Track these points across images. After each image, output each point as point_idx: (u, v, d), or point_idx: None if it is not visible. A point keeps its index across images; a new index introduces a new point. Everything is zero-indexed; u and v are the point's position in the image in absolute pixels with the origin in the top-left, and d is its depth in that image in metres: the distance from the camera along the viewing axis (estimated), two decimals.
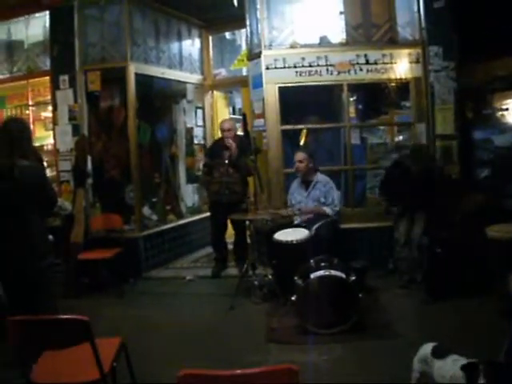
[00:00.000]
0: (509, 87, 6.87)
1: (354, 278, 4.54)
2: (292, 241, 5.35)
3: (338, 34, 6.49)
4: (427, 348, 3.02)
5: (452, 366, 2.85)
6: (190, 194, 8.35)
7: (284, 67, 6.39)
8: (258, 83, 6.54)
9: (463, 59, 6.44)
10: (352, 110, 7.07)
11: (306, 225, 5.70)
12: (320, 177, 6.02)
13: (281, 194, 6.48)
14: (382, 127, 7.56)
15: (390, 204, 6.00)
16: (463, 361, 2.82)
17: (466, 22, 6.14)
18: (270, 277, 5.56)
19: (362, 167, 7.06)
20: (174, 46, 7.94)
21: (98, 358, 2.65)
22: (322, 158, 6.53)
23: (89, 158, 6.65)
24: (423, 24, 6.38)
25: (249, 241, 6.24)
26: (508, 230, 4.83)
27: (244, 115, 7.00)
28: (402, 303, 5.31)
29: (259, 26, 6.47)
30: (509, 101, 6.97)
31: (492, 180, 6.47)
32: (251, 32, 6.69)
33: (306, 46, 6.45)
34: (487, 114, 7.02)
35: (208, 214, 7.24)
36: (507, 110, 6.95)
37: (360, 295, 4.48)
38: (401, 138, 7.42)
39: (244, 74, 8.03)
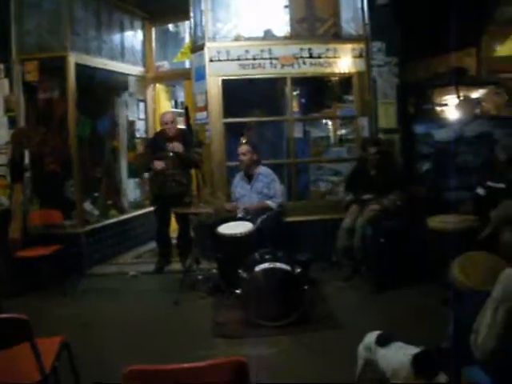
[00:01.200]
0: (448, 83, 7.04)
1: (298, 270, 4.54)
2: (236, 234, 5.31)
3: (282, 28, 6.49)
4: (372, 336, 3.06)
5: (396, 353, 2.90)
6: (132, 189, 8.19)
7: (227, 60, 6.32)
8: (201, 76, 6.45)
9: (405, 55, 6.57)
10: (295, 103, 7.08)
11: (249, 218, 5.67)
12: (263, 169, 6.01)
13: (224, 188, 6.43)
14: (325, 121, 7.62)
15: (355, 199, 6.00)
16: (407, 349, 2.89)
17: (408, 19, 6.27)
18: (214, 271, 5.52)
19: (304, 160, 7.09)
20: (116, 37, 7.72)
21: (38, 359, 2.55)
22: (265, 152, 6.51)
23: (26, 152, 6.37)
24: (367, 20, 6.47)
25: (193, 235, 6.16)
26: (448, 221, 4.94)
27: (186, 108, 6.92)
28: (347, 294, 5.36)
29: (203, 17, 6.38)
30: (448, 96, 7.15)
31: (432, 173, 6.62)
32: (195, 24, 6.59)
33: (250, 38, 6.42)
34: (428, 109, 7.18)
35: (151, 208, 7.12)
36: (447, 105, 7.14)
37: (305, 287, 4.48)
38: (344, 131, 7.49)
39: (187, 67, 7.92)
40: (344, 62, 6.49)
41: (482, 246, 4.11)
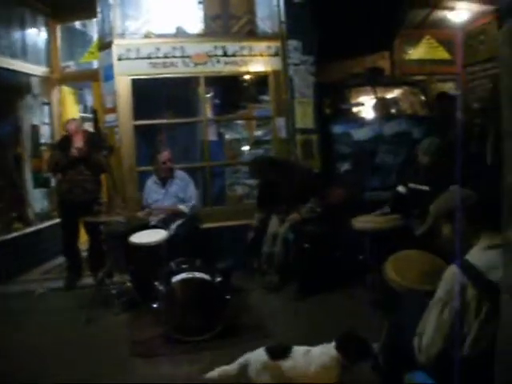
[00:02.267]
0: (365, 83, 7.05)
1: (219, 279, 4.27)
2: (149, 243, 4.95)
3: (195, 25, 6.22)
4: (260, 356, 2.91)
5: (309, 357, 2.86)
6: (39, 199, 7.57)
7: (137, 58, 5.96)
8: (110, 75, 6.06)
9: (322, 55, 6.46)
10: (209, 104, 6.83)
11: (163, 225, 5.37)
12: (178, 172, 5.72)
13: (135, 194, 6.06)
14: (240, 122, 7.42)
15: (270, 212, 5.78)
16: (313, 350, 2.91)
17: (325, 19, 6.19)
18: (128, 284, 5.09)
19: (220, 164, 6.85)
20: (17, 33, 7.09)
21: None
22: (178, 155, 6.13)
23: None
24: (283, 18, 6.30)
25: (104, 246, 5.74)
26: (374, 221, 4.85)
27: (95, 111, 6.49)
28: (272, 302, 5.16)
29: (111, 13, 6.00)
30: (365, 96, 7.15)
31: (352, 173, 6.56)
32: (102, 20, 6.19)
33: (161, 35, 6.10)
34: (345, 109, 7.14)
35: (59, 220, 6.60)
36: (363, 105, 7.14)
37: (227, 297, 4.21)
38: (260, 132, 7.34)
39: (95, 67, 7.43)
40: (259, 60, 6.29)
41: (411, 244, 4.03)
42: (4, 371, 3.79)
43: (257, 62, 6.27)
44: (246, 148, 7.26)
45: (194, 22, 6.19)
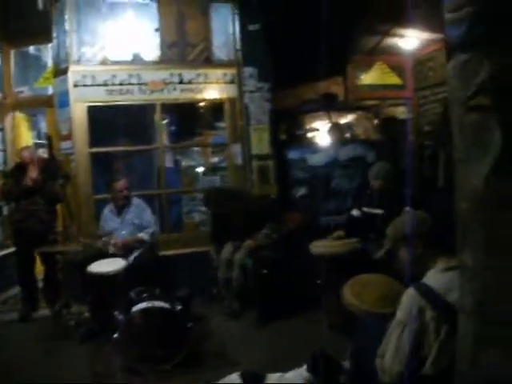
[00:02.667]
0: (319, 109, 7.18)
1: (179, 307, 4.20)
2: (108, 272, 4.82)
3: (151, 52, 6.16)
4: (234, 381, 2.93)
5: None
6: None
7: (93, 85, 5.90)
8: (65, 102, 5.96)
9: (277, 81, 6.56)
10: (165, 131, 6.82)
11: (122, 254, 5.25)
12: (134, 200, 5.64)
13: (92, 222, 5.92)
14: (196, 149, 7.42)
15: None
16: (287, 375, 2.94)
17: (279, 46, 6.28)
18: (87, 314, 4.96)
19: (176, 191, 6.82)
20: None
21: None
22: (134, 183, 6.04)
23: None
24: (238, 45, 6.37)
25: (60, 276, 5.60)
26: (331, 245, 4.88)
27: (49, 138, 6.35)
28: (234, 329, 5.09)
29: (67, 38, 5.90)
30: (319, 122, 7.28)
31: (309, 198, 6.63)
32: (58, 45, 6.09)
33: (117, 62, 6.03)
34: (300, 135, 7.25)
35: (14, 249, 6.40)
36: (318, 130, 7.26)
37: (188, 325, 4.14)
38: (216, 159, 7.36)
39: (50, 93, 7.33)
40: (215, 87, 6.32)
41: (368, 268, 4.09)
42: None
43: (213, 89, 6.30)
44: (202, 175, 7.26)
45: (151, 49, 6.14)
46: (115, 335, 4.06)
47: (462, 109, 1.74)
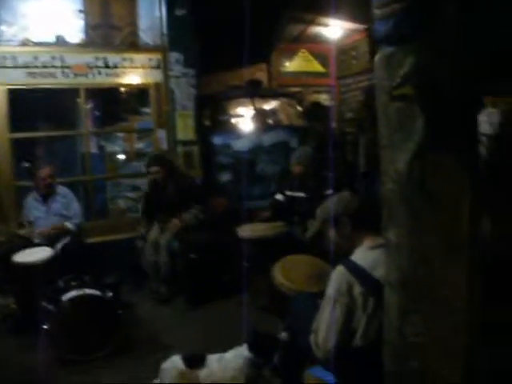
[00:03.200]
0: (244, 95, 7.26)
1: (110, 294, 4.17)
2: (35, 262, 4.67)
3: (76, 34, 6.00)
4: (176, 364, 2.97)
5: (221, 364, 2.94)
6: None
7: (14, 67, 5.66)
8: None
9: (202, 67, 6.58)
10: (89, 116, 6.68)
11: (47, 242, 5.12)
12: (59, 188, 5.49)
13: (13, 210, 5.71)
14: (121, 134, 7.33)
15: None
16: (226, 355, 3.03)
17: (205, 32, 6.30)
18: (13, 306, 4.82)
19: (101, 177, 6.73)
20: None
21: None
22: (58, 169, 5.80)
23: None
24: (165, 30, 6.31)
25: None
26: (258, 229, 5.03)
27: None
28: (164, 314, 5.10)
29: None
30: (244, 108, 7.37)
31: (233, 183, 6.72)
32: None
33: (40, 44, 5.81)
34: (225, 121, 7.31)
35: None
36: (243, 116, 7.35)
37: (120, 312, 4.13)
38: (141, 145, 7.30)
39: None
40: (141, 72, 6.25)
41: (294, 249, 4.25)
42: None
43: (138, 74, 6.23)
44: (127, 161, 7.18)
45: (75, 31, 5.99)
46: (45, 326, 3.95)
47: (387, 97, 1.88)
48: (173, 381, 2.89)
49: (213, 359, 2.99)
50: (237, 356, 2.96)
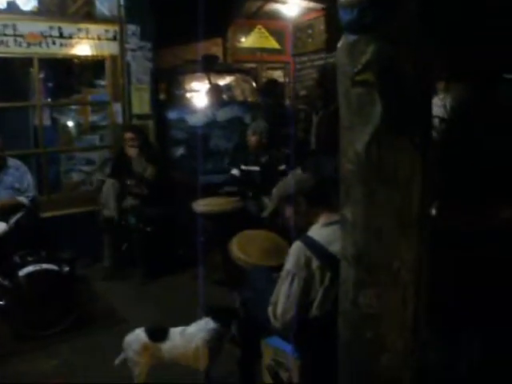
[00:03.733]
0: (198, 70, 7.25)
1: (67, 269, 4.20)
2: None
3: (29, 2, 5.86)
4: (139, 337, 3.02)
5: (184, 337, 2.96)
6: None
7: None
8: None
9: (159, 41, 6.53)
10: (42, 87, 6.53)
11: (1, 217, 4.94)
12: (11, 161, 5.31)
13: None
14: (74, 107, 7.22)
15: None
16: (188, 329, 3.08)
17: (162, 5, 6.23)
18: None
19: (55, 150, 6.61)
20: None
21: None
22: (9, 141, 5.61)
23: None
24: (122, 1, 6.18)
25: None
26: (214, 203, 5.09)
27: None
28: (120, 289, 5.16)
29: None
30: (199, 83, 7.37)
31: (187, 158, 6.75)
32: None
33: None
34: (180, 95, 7.30)
35: None
36: (198, 91, 7.35)
37: (76, 287, 4.23)
38: (95, 118, 7.20)
39: None
40: (97, 44, 6.12)
41: (250, 224, 4.36)
42: None
43: (94, 46, 6.10)
44: (81, 133, 7.08)
45: None
46: (1, 301, 3.98)
47: (349, 82, 1.98)
48: (136, 353, 2.95)
49: (175, 332, 3.04)
50: (200, 329, 3.02)
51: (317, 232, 2.63)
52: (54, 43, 5.87)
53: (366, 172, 1.99)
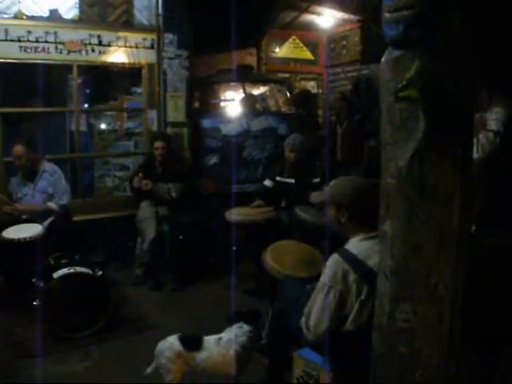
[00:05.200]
0: (233, 79, 7.30)
1: (100, 272, 4.23)
2: (25, 238, 4.63)
3: (70, 10, 5.93)
4: (173, 345, 2.99)
5: (220, 346, 2.96)
6: None
7: (6, 40, 5.57)
8: None
9: (194, 49, 6.60)
10: (80, 93, 6.66)
11: (34, 220, 5.06)
12: (47, 166, 5.41)
13: (2, 187, 5.65)
14: (110, 113, 7.33)
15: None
16: (223, 336, 3.04)
17: (199, 14, 6.31)
18: (1, 281, 4.81)
19: (90, 155, 6.73)
20: None
21: None
22: (46, 145, 5.78)
23: None
24: (160, 10, 6.30)
25: None
26: (247, 213, 5.10)
27: None
28: (150, 294, 5.20)
29: None
30: (233, 92, 7.41)
31: (220, 167, 6.79)
32: None
33: (33, 18, 5.73)
34: (215, 104, 7.35)
35: None
36: (233, 100, 7.39)
37: (109, 291, 4.23)
38: (131, 124, 7.31)
39: None
40: (135, 52, 6.24)
41: (282, 235, 4.36)
42: None
43: (131, 54, 6.22)
44: (116, 139, 7.19)
45: (70, 6, 5.92)
46: (35, 302, 4.02)
47: (392, 98, 1.99)
48: (169, 361, 2.93)
49: (210, 341, 3.02)
50: (236, 335, 3.00)
51: (355, 245, 2.62)
52: (93, 51, 6.01)
53: (407, 187, 2.00)
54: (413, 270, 2.07)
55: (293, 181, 5.41)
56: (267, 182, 5.63)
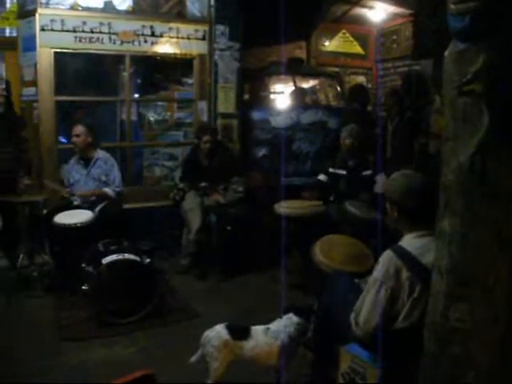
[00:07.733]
0: (284, 72, 7.27)
1: (147, 260, 4.29)
2: (76, 224, 4.77)
3: (124, 1, 6.06)
4: (220, 334, 2.99)
5: (267, 336, 2.98)
6: None
7: (62, 30, 5.68)
8: (31, 46, 5.72)
9: (246, 41, 6.60)
10: (132, 83, 6.74)
11: (88, 206, 5.22)
12: (101, 153, 5.51)
13: (55, 173, 5.80)
14: (161, 103, 7.41)
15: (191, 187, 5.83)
16: (271, 327, 3.04)
17: (250, 6, 6.29)
18: (50, 265, 4.98)
19: (140, 144, 6.81)
20: None
21: None
22: (98, 134, 5.87)
23: None
24: (212, 2, 6.32)
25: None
26: (296, 206, 5.07)
27: (7, 82, 6.17)
28: (195, 284, 5.23)
29: None
30: (284, 85, 7.39)
31: (269, 159, 6.78)
32: None
33: (88, 9, 5.87)
34: (265, 96, 7.35)
35: None
36: (283, 93, 7.38)
37: (156, 277, 4.29)
38: (181, 115, 7.36)
39: (7, 35, 7.07)
40: (186, 43, 6.29)
41: (331, 229, 4.33)
42: None
43: (183, 45, 6.26)
44: (166, 129, 7.27)
45: None
46: (84, 287, 4.11)
47: (455, 92, 1.93)
48: (215, 349, 2.93)
49: (258, 330, 3.02)
50: (285, 325, 2.98)
51: (409, 242, 2.57)
52: (145, 41, 6.09)
53: (468, 184, 1.94)
54: (470, 269, 2.01)
55: (344, 172, 5.36)
56: (321, 177, 5.56)
